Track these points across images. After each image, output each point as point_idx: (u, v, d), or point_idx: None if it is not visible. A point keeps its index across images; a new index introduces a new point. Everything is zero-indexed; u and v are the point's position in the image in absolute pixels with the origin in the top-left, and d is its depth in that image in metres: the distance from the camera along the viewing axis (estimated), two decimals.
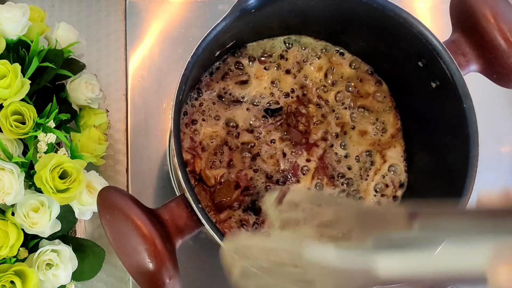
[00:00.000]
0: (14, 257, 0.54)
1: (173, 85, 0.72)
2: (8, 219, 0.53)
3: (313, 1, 0.56)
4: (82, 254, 0.58)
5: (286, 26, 0.62)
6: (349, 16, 0.57)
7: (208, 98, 0.61)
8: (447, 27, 0.58)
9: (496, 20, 0.52)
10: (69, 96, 0.60)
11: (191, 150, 0.59)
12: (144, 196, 0.68)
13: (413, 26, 0.53)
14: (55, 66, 0.57)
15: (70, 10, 0.73)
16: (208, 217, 0.46)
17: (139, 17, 0.73)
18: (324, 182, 0.60)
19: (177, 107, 0.49)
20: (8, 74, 0.53)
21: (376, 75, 0.63)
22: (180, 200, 0.48)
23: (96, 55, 0.72)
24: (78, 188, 0.53)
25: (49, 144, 0.54)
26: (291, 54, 0.63)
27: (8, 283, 0.52)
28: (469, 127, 0.51)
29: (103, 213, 0.46)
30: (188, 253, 0.66)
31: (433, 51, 0.53)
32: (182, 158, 0.48)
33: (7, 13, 0.55)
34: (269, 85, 0.62)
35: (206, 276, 0.66)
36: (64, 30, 0.60)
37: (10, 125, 0.53)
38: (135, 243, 0.44)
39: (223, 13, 0.51)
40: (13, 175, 0.51)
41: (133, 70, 0.71)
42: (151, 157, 0.69)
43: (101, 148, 0.58)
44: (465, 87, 0.52)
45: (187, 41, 0.73)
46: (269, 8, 0.53)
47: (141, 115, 0.70)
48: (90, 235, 0.66)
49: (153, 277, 0.44)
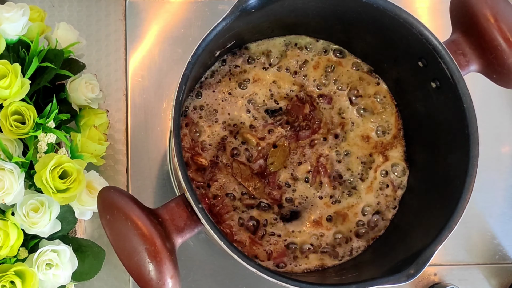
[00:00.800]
0: (14, 257, 0.54)
1: (173, 85, 0.72)
2: (8, 219, 0.53)
3: (313, 1, 0.56)
4: (82, 254, 0.58)
5: (286, 26, 0.62)
6: (349, 16, 0.57)
7: (208, 98, 0.61)
8: (447, 27, 0.58)
9: (496, 20, 0.52)
10: (69, 96, 0.60)
11: (191, 150, 0.59)
12: (144, 196, 0.68)
13: (413, 26, 0.53)
14: (55, 66, 0.57)
15: (70, 10, 0.73)
16: (208, 217, 0.46)
17: (139, 17, 0.73)
18: (324, 182, 0.60)
19: (177, 107, 0.49)
20: (8, 74, 0.53)
21: (376, 75, 0.63)
22: (180, 200, 0.48)
23: (96, 55, 0.72)
24: (78, 188, 0.53)
25: (49, 144, 0.54)
26: (291, 54, 0.63)
27: (8, 283, 0.52)
28: (469, 127, 0.51)
29: (103, 213, 0.46)
30: (188, 253, 0.66)
31: (433, 51, 0.53)
32: (182, 158, 0.48)
33: (7, 13, 0.55)
34: (269, 85, 0.62)
35: (206, 276, 0.66)
36: (64, 30, 0.60)
37: (10, 125, 0.53)
38: (135, 243, 0.44)
39: (223, 13, 0.51)
40: (13, 175, 0.51)
41: (133, 70, 0.71)
42: (151, 157, 0.69)
43: (101, 148, 0.58)
44: (465, 87, 0.52)
45: (187, 41, 0.73)
46: (269, 8, 0.53)
47: (141, 115, 0.70)
48: (90, 235, 0.66)
49: (153, 277, 0.44)
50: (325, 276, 0.57)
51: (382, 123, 0.62)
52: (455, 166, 0.53)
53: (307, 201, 0.60)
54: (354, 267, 0.57)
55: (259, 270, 0.47)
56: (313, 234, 0.59)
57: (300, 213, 0.59)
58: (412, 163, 0.62)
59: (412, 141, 0.62)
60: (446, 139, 0.56)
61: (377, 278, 0.48)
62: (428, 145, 0.59)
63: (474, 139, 0.51)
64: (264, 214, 0.59)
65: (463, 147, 0.52)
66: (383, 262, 0.54)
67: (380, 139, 0.62)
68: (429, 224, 0.52)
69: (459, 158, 0.52)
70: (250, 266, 0.47)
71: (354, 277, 0.53)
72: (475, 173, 0.50)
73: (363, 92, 0.63)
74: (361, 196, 0.61)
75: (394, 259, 0.51)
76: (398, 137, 0.62)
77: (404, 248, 0.53)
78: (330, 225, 0.60)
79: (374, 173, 0.61)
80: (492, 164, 0.75)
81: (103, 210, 0.47)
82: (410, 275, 0.48)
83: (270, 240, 0.58)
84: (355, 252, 0.59)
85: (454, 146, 0.54)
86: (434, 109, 0.57)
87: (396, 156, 0.62)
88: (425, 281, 0.69)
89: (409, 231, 0.57)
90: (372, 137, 0.62)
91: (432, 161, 0.58)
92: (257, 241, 0.58)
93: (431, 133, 0.58)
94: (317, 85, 0.63)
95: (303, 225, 0.59)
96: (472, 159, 0.51)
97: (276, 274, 0.47)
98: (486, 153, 0.53)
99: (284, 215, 0.59)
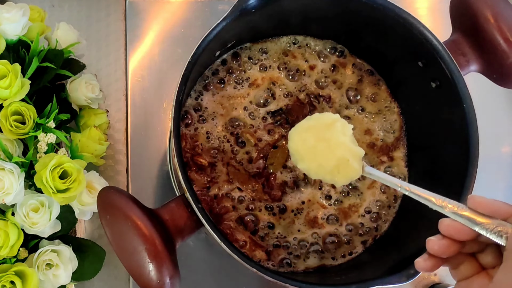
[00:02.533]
0: (14, 257, 0.54)
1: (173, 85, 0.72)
2: (8, 219, 0.53)
3: (313, 1, 0.56)
4: (82, 254, 0.58)
5: (286, 26, 0.62)
6: (349, 16, 0.57)
7: (208, 98, 0.61)
8: (447, 27, 0.58)
9: (496, 20, 0.52)
10: (69, 96, 0.60)
11: (191, 150, 0.59)
12: (144, 196, 0.68)
13: (413, 26, 0.53)
14: (55, 66, 0.57)
15: (70, 10, 0.73)
16: (208, 217, 0.46)
17: (139, 17, 0.73)
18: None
19: (177, 107, 0.49)
20: (8, 74, 0.53)
21: (376, 75, 0.63)
22: (180, 200, 0.48)
23: (96, 55, 0.72)
24: (78, 188, 0.53)
25: (49, 144, 0.54)
26: (291, 54, 0.63)
27: (8, 283, 0.52)
28: (469, 127, 0.51)
29: (103, 213, 0.46)
30: (188, 253, 0.66)
31: (433, 51, 0.53)
32: (182, 158, 0.48)
33: (7, 13, 0.55)
34: (269, 85, 0.62)
35: (206, 276, 0.66)
36: (64, 30, 0.60)
37: (10, 125, 0.53)
38: (135, 243, 0.44)
39: (223, 13, 0.51)
40: (13, 175, 0.51)
41: (133, 70, 0.71)
42: (151, 157, 0.69)
43: (101, 148, 0.58)
44: (465, 87, 0.52)
45: (187, 41, 0.73)
46: (269, 8, 0.53)
47: (141, 115, 0.70)
48: (90, 235, 0.66)
49: (153, 277, 0.44)
50: (325, 276, 0.57)
51: (383, 123, 0.62)
52: (455, 166, 0.53)
53: (307, 201, 0.60)
54: (354, 267, 0.57)
55: (259, 270, 0.47)
56: (313, 234, 0.59)
57: (300, 213, 0.59)
58: (412, 163, 0.62)
59: (412, 141, 0.62)
60: (446, 139, 0.56)
61: (377, 278, 0.48)
62: (428, 145, 0.59)
63: (474, 139, 0.51)
64: (264, 214, 0.59)
65: (463, 147, 0.52)
66: (383, 262, 0.54)
67: (380, 139, 0.62)
68: (429, 224, 0.52)
69: (459, 158, 0.52)
70: (250, 266, 0.47)
71: (354, 277, 0.53)
72: (475, 173, 0.50)
73: (363, 92, 0.63)
74: (361, 196, 0.61)
75: (395, 259, 0.51)
76: (400, 138, 0.62)
77: (404, 248, 0.53)
78: (330, 225, 0.60)
79: None
80: (492, 164, 0.75)
81: (103, 210, 0.47)
82: (410, 275, 0.48)
83: (270, 240, 0.58)
84: (355, 252, 0.59)
85: (454, 146, 0.54)
86: (434, 109, 0.57)
87: (396, 156, 0.62)
88: (425, 281, 0.69)
89: (409, 232, 0.57)
90: (372, 137, 0.62)
91: (432, 161, 0.58)
92: (257, 241, 0.58)
93: (431, 133, 0.58)
94: (317, 85, 0.63)
95: (303, 225, 0.59)
96: (472, 159, 0.51)
97: (276, 274, 0.47)
98: (486, 153, 0.53)
99: (284, 215, 0.59)
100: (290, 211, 0.59)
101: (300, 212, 0.59)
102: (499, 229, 0.36)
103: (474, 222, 0.38)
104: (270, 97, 0.62)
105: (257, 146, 0.60)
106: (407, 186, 0.43)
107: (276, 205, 0.59)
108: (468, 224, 0.38)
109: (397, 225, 0.60)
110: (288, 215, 0.59)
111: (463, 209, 0.39)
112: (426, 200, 0.42)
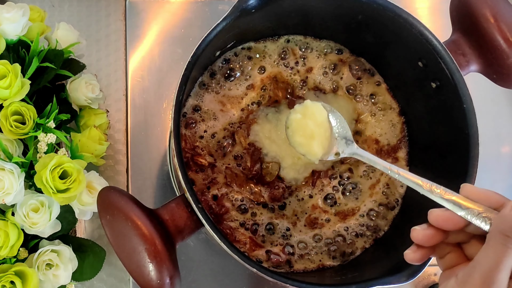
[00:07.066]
0: (14, 257, 0.54)
1: (173, 85, 0.72)
2: (8, 219, 0.53)
3: (313, 1, 0.56)
4: (82, 254, 0.58)
5: (286, 26, 0.62)
6: (349, 16, 0.57)
7: (208, 98, 0.61)
8: (447, 27, 0.58)
9: (496, 20, 0.52)
10: (69, 96, 0.60)
11: (191, 150, 0.59)
12: (144, 196, 0.68)
13: (413, 26, 0.53)
14: (55, 66, 0.57)
15: (70, 10, 0.73)
16: (208, 217, 0.46)
17: (139, 17, 0.73)
18: (325, 183, 0.60)
19: (177, 107, 0.49)
20: (8, 74, 0.53)
21: (376, 75, 0.63)
22: (180, 200, 0.48)
23: (96, 55, 0.72)
24: (78, 188, 0.53)
25: (49, 144, 0.54)
26: (291, 54, 0.63)
27: (8, 283, 0.52)
28: (469, 127, 0.51)
29: (103, 213, 0.46)
30: (188, 253, 0.66)
31: (433, 51, 0.53)
32: (182, 158, 0.48)
33: (7, 13, 0.55)
34: (269, 85, 0.62)
35: (206, 276, 0.66)
36: (64, 30, 0.60)
37: (10, 125, 0.53)
38: (135, 243, 0.44)
39: (223, 13, 0.51)
40: (13, 175, 0.51)
41: (133, 70, 0.71)
42: (151, 157, 0.69)
43: (101, 148, 0.58)
44: (465, 87, 0.52)
45: (187, 41, 0.73)
46: (269, 8, 0.53)
47: (141, 115, 0.70)
48: (90, 235, 0.66)
49: (153, 277, 0.44)
50: (325, 276, 0.57)
51: (383, 123, 0.62)
52: (455, 166, 0.53)
53: (307, 202, 0.60)
54: (354, 267, 0.57)
55: (259, 270, 0.47)
56: (313, 234, 0.59)
57: (300, 213, 0.59)
58: (412, 163, 0.62)
59: (412, 141, 0.62)
60: (446, 139, 0.56)
61: (377, 278, 0.48)
62: (428, 146, 0.59)
63: (474, 139, 0.51)
64: (264, 214, 0.59)
65: (463, 147, 0.52)
66: (383, 262, 0.54)
67: (381, 139, 0.62)
68: None
69: (459, 158, 0.52)
70: (250, 266, 0.47)
71: (354, 277, 0.53)
72: (475, 173, 0.50)
73: (364, 92, 0.63)
74: (362, 196, 0.61)
75: (395, 259, 0.51)
76: (402, 138, 0.62)
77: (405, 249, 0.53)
78: (330, 225, 0.60)
79: (375, 173, 0.61)
80: (492, 164, 0.75)
81: (103, 210, 0.47)
82: (410, 275, 0.48)
83: (270, 240, 0.58)
84: (356, 252, 0.59)
85: (454, 146, 0.54)
86: (434, 109, 0.57)
87: (401, 157, 0.62)
88: (425, 281, 0.69)
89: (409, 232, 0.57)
90: (373, 136, 0.62)
91: (432, 161, 0.58)
92: (257, 241, 0.58)
93: (431, 133, 0.58)
94: (318, 85, 0.63)
95: (303, 225, 0.59)
96: (472, 159, 0.51)
97: (276, 274, 0.47)
98: (486, 153, 0.53)
99: (284, 215, 0.59)
100: (290, 211, 0.59)
101: (300, 212, 0.59)
102: (484, 215, 0.37)
103: (460, 207, 0.39)
104: (270, 97, 0.62)
105: (248, 149, 0.60)
106: (396, 169, 0.45)
107: (277, 205, 0.59)
108: (454, 209, 0.39)
109: (397, 226, 0.60)
110: (288, 215, 0.59)
111: (450, 194, 0.40)
112: (414, 184, 0.43)
